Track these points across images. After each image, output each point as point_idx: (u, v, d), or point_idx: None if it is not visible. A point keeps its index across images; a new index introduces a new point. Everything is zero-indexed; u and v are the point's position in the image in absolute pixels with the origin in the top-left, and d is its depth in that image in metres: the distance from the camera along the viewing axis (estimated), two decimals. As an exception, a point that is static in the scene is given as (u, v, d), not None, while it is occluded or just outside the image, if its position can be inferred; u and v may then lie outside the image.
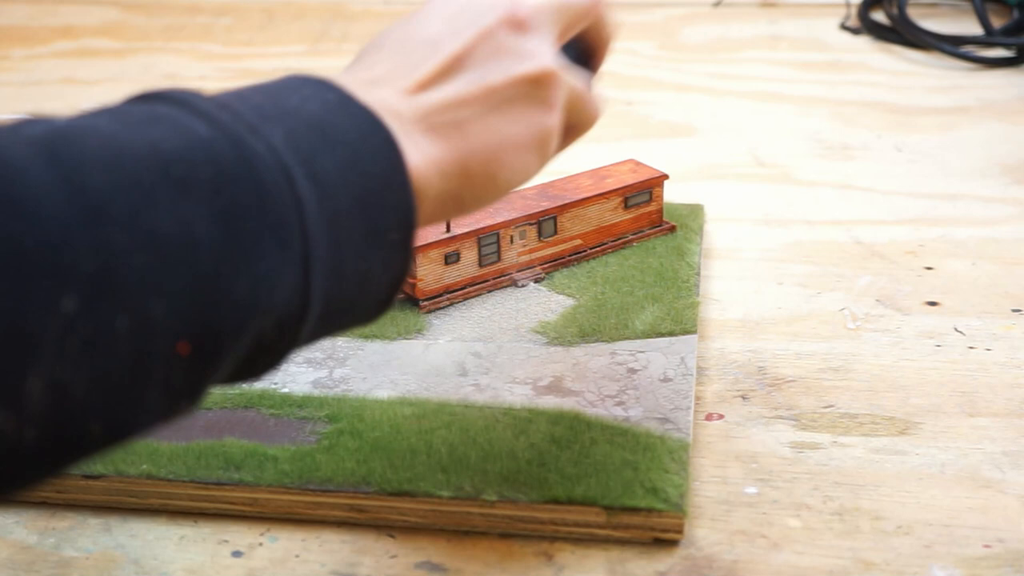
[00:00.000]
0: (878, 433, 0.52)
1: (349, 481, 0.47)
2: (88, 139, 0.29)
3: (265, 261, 0.31)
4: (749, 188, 0.77)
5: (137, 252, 0.28)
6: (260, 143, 0.32)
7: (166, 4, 1.19)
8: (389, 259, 0.36)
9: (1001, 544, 0.45)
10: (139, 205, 0.29)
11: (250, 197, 0.31)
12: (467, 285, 0.60)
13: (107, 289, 0.28)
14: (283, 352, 0.34)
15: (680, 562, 0.45)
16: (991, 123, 0.86)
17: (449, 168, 0.38)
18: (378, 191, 0.35)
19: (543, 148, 0.42)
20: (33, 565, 0.46)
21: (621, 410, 0.51)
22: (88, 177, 0.28)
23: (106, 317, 0.28)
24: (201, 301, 0.30)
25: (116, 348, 0.28)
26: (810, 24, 1.08)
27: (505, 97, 0.40)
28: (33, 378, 0.27)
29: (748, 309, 0.62)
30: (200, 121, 0.32)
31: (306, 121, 0.34)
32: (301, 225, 0.32)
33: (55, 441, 0.28)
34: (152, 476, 0.47)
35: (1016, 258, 0.66)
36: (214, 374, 0.32)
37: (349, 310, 0.36)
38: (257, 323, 0.32)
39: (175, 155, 0.30)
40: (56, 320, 0.27)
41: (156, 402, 0.30)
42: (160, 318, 0.29)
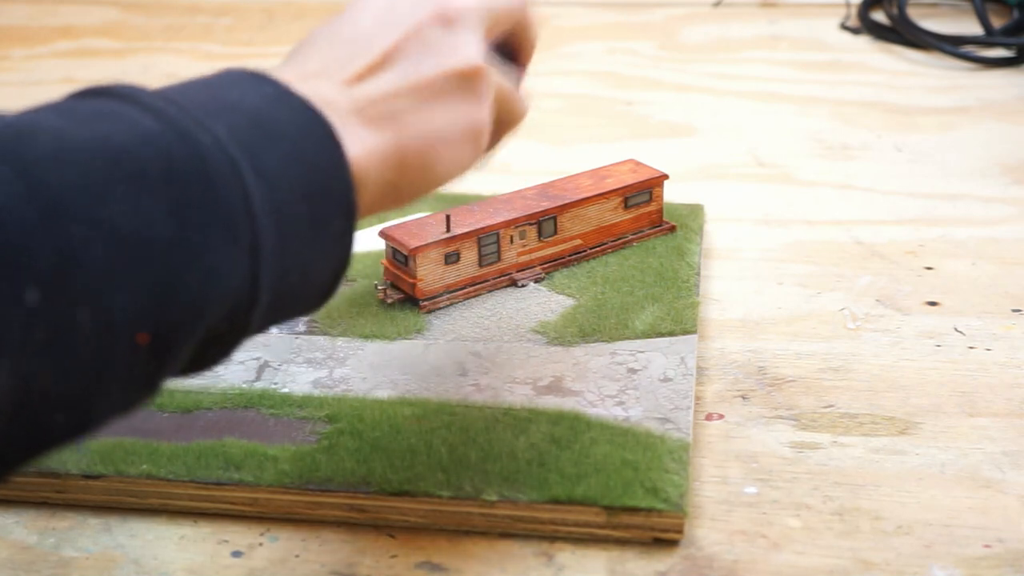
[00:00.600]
0: (878, 433, 0.52)
1: (349, 481, 0.47)
2: (39, 136, 0.30)
3: (215, 252, 0.32)
4: (749, 188, 0.77)
5: (95, 246, 0.29)
6: (206, 136, 0.33)
7: (166, 4, 1.19)
8: (331, 248, 0.37)
9: (1001, 544, 0.45)
10: (94, 200, 0.29)
11: (200, 190, 0.32)
12: (467, 285, 0.60)
13: (68, 282, 0.28)
14: (234, 342, 0.35)
15: (680, 562, 0.45)
16: (991, 123, 0.86)
17: (386, 158, 0.39)
18: (320, 182, 0.36)
19: (475, 140, 0.43)
20: (33, 565, 0.46)
21: (621, 410, 0.51)
22: (43, 173, 0.29)
23: (67, 310, 0.28)
24: (158, 293, 0.31)
25: (78, 340, 0.29)
26: (810, 24, 1.08)
27: (436, 90, 0.41)
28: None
29: (748, 309, 0.62)
30: (147, 115, 0.32)
31: (247, 115, 0.35)
32: (249, 217, 0.33)
33: (21, 432, 0.29)
34: (152, 476, 0.47)
35: (1016, 258, 0.66)
36: (172, 364, 0.32)
37: (294, 299, 0.37)
38: (210, 312, 0.32)
39: (126, 149, 0.31)
40: (19, 314, 0.27)
41: (117, 393, 0.31)
42: (119, 310, 0.30)
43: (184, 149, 0.32)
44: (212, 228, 0.32)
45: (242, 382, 0.53)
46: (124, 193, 0.30)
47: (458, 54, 0.42)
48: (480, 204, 0.62)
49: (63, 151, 0.30)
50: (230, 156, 0.33)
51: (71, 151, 0.30)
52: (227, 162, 0.33)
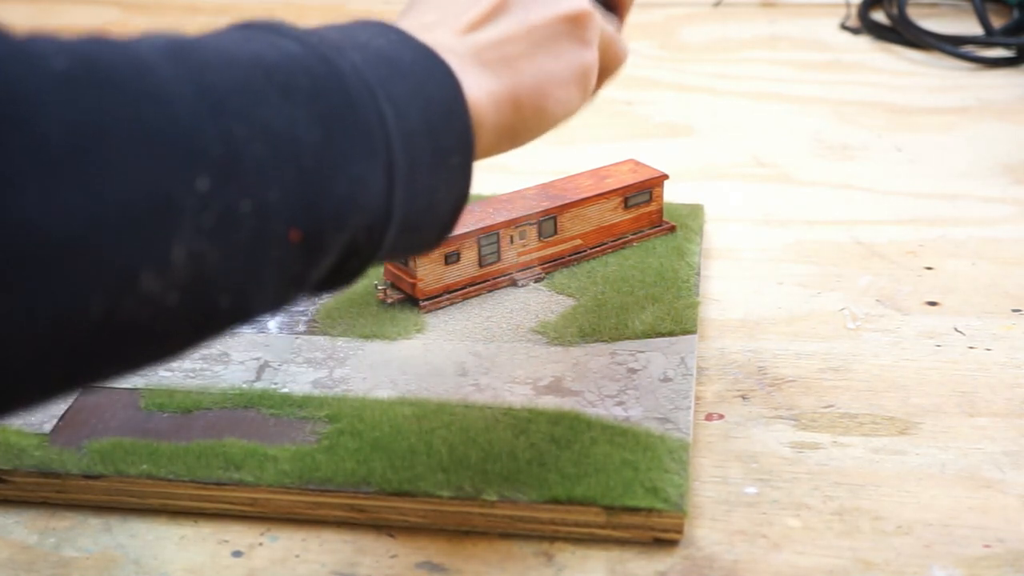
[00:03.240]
0: (878, 433, 0.52)
1: (349, 481, 0.47)
2: (204, 47, 0.33)
3: (358, 164, 0.35)
4: (749, 188, 0.77)
5: (254, 143, 0.32)
6: (345, 63, 0.36)
7: (166, 4, 1.19)
8: (452, 181, 0.40)
9: (1001, 544, 0.45)
10: (253, 103, 0.32)
11: (342, 106, 0.35)
12: (467, 285, 0.60)
13: (232, 173, 0.31)
14: (370, 257, 0.37)
15: (680, 562, 0.45)
16: (991, 123, 0.86)
17: (502, 100, 0.42)
18: (441, 117, 0.38)
19: (584, 83, 0.45)
20: (33, 565, 0.46)
21: (621, 410, 0.51)
22: (209, 76, 0.31)
23: (233, 198, 0.31)
24: (308, 193, 0.33)
25: (241, 227, 0.31)
26: (810, 24, 1.08)
27: (547, 35, 0.44)
28: (176, 246, 0.30)
29: (748, 309, 0.62)
30: (292, 41, 0.35)
31: (376, 53, 0.37)
32: (385, 136, 0.36)
33: (191, 310, 0.31)
34: (152, 476, 0.47)
35: (1016, 258, 0.66)
36: (318, 265, 0.35)
37: (419, 227, 0.39)
38: (353, 220, 0.35)
39: (275, 65, 0.34)
40: (193, 196, 0.30)
41: (272, 284, 0.34)
42: (276, 204, 0.32)
43: (326, 70, 0.35)
44: (354, 141, 0.35)
45: (242, 382, 0.53)
46: (277, 101, 0.33)
47: (567, 0, 0.44)
48: (480, 204, 0.62)
49: (223, 60, 0.32)
50: (366, 81, 0.36)
51: (230, 61, 0.33)
52: (364, 86, 0.35)
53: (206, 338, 0.33)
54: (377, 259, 0.38)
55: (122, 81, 0.29)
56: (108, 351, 0.30)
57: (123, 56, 0.30)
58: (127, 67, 0.30)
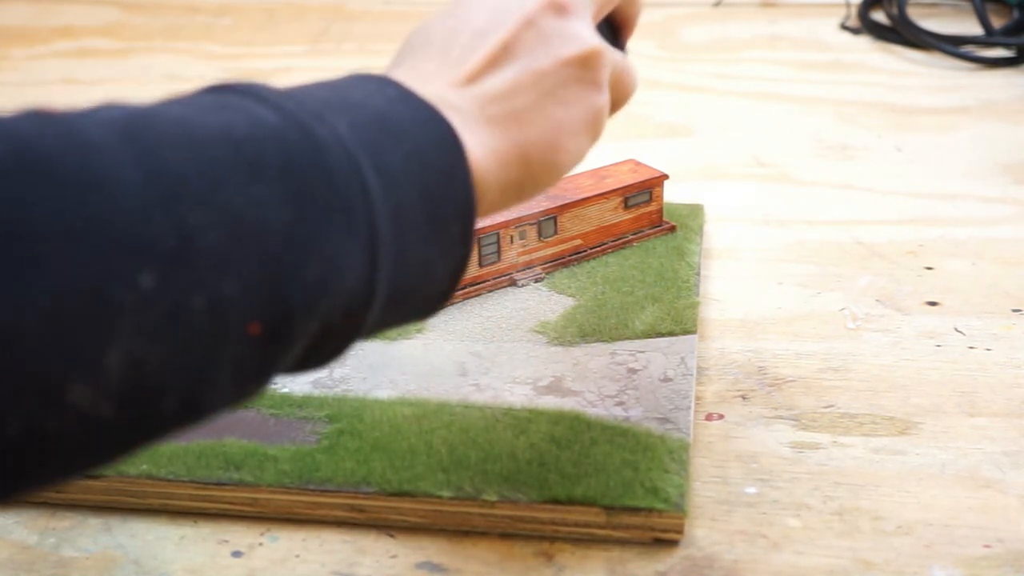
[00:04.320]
0: (878, 433, 0.52)
1: (349, 481, 0.47)
2: (162, 121, 0.30)
3: (333, 244, 0.32)
4: (749, 188, 0.77)
5: (212, 231, 0.29)
6: (326, 131, 0.33)
7: (166, 4, 1.19)
8: (449, 251, 0.37)
9: (1001, 544, 0.45)
10: (213, 185, 0.29)
11: (318, 181, 0.32)
12: (467, 285, 0.60)
13: (183, 266, 0.28)
14: (349, 338, 0.34)
15: (680, 562, 0.45)
16: (991, 123, 0.86)
17: (509, 157, 0.39)
18: (440, 184, 0.36)
19: (595, 127, 0.42)
20: (33, 565, 0.46)
21: (621, 410, 0.51)
22: (164, 157, 0.29)
23: (182, 294, 0.28)
24: (272, 282, 0.30)
25: (191, 326, 0.28)
26: (810, 24, 1.08)
27: (556, 81, 0.40)
28: (112, 352, 0.27)
29: (748, 309, 0.62)
30: (268, 109, 0.32)
31: (369, 114, 0.35)
32: (368, 211, 0.33)
33: (131, 417, 0.28)
34: (152, 476, 0.47)
35: (1016, 258, 0.66)
36: (284, 357, 0.32)
37: (410, 300, 0.37)
38: (325, 306, 0.32)
39: (246, 139, 0.31)
40: (135, 295, 0.27)
41: (227, 382, 0.30)
42: (233, 298, 0.29)
43: (303, 142, 0.32)
44: (330, 220, 0.32)
45: (242, 382, 0.53)
46: (243, 181, 0.30)
47: (575, 40, 0.41)
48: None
49: (184, 137, 0.30)
50: (349, 151, 0.33)
51: (192, 137, 0.30)
52: (346, 157, 0.33)
53: (149, 444, 0.30)
54: (360, 338, 0.35)
55: (61, 166, 0.27)
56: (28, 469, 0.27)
57: (65, 139, 0.28)
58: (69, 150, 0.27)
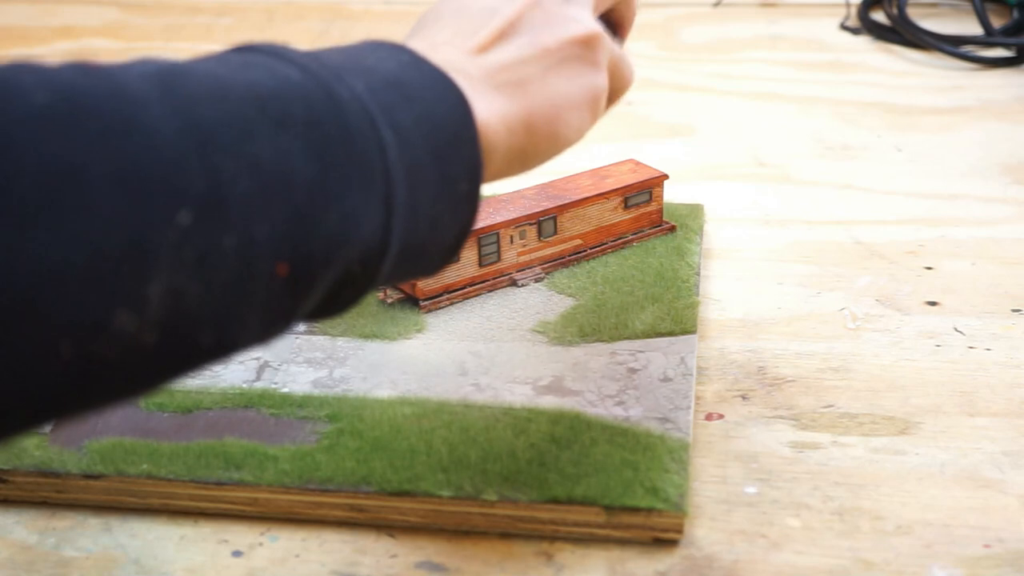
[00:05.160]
0: (878, 433, 0.52)
1: (349, 481, 0.47)
2: (195, 76, 0.32)
3: (352, 197, 0.34)
4: (749, 188, 0.77)
5: (242, 178, 0.31)
6: (346, 89, 0.35)
7: (166, 4, 1.19)
8: (458, 209, 0.39)
9: (1001, 544, 0.45)
10: (242, 136, 0.31)
11: (339, 137, 0.34)
12: (467, 285, 0.60)
13: (216, 208, 0.30)
14: (364, 287, 0.36)
15: (680, 562, 0.45)
16: (991, 123, 0.86)
17: (514, 123, 0.41)
18: (450, 144, 0.37)
19: (595, 105, 0.45)
20: (33, 565, 0.46)
21: (621, 410, 0.51)
22: (197, 109, 0.31)
23: (216, 234, 0.30)
24: (297, 228, 0.32)
25: (224, 264, 0.30)
26: (810, 24, 1.08)
27: (559, 58, 0.43)
28: (154, 284, 0.29)
29: (748, 309, 0.62)
30: (292, 67, 0.34)
31: (383, 77, 0.36)
32: (384, 167, 0.35)
33: (169, 347, 0.30)
34: (152, 476, 0.47)
35: (1016, 258, 0.66)
36: (306, 300, 0.34)
37: (420, 255, 0.39)
38: (345, 255, 0.34)
39: (271, 94, 0.33)
40: (173, 232, 0.29)
41: (256, 320, 0.33)
42: (262, 240, 0.31)
43: (325, 99, 0.34)
44: (349, 174, 0.34)
45: (242, 382, 0.53)
46: (269, 134, 0.32)
47: (577, 22, 0.44)
48: (480, 204, 0.62)
49: (215, 91, 0.32)
50: (367, 109, 0.35)
51: (222, 92, 0.32)
52: (364, 115, 0.35)
53: (185, 374, 0.32)
54: (373, 288, 0.37)
55: (104, 116, 0.29)
56: (79, 391, 0.29)
57: (108, 88, 0.29)
58: (111, 100, 0.29)
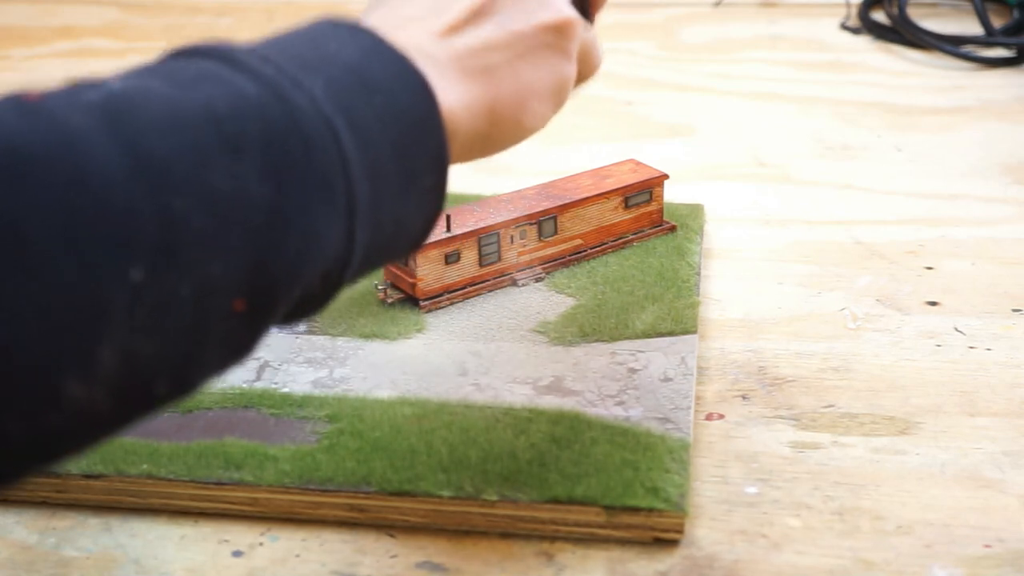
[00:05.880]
0: (878, 433, 0.52)
1: (349, 481, 0.47)
2: (145, 102, 0.30)
3: (314, 215, 0.32)
4: (749, 188, 0.77)
5: (197, 214, 0.29)
6: (303, 97, 0.33)
7: (166, 4, 1.19)
8: (422, 203, 0.37)
9: (1001, 544, 0.45)
10: (198, 168, 0.30)
11: (298, 153, 0.32)
12: (467, 285, 0.60)
13: (171, 256, 0.29)
14: (327, 299, 0.36)
15: (680, 562, 0.45)
16: (991, 123, 0.86)
17: (478, 110, 0.40)
18: (413, 136, 0.36)
19: (561, 95, 0.44)
20: (33, 565, 0.46)
21: (621, 410, 0.51)
22: (149, 143, 0.29)
23: (171, 284, 0.29)
24: (256, 258, 0.31)
25: (180, 313, 0.29)
26: (810, 24, 1.08)
27: (530, 44, 0.42)
28: (105, 347, 0.27)
29: (748, 309, 0.62)
30: (246, 78, 0.32)
31: (343, 68, 0.35)
32: (345, 178, 0.33)
33: (124, 404, 0.29)
34: (152, 476, 0.47)
35: (1016, 258, 0.66)
36: (266, 327, 0.33)
37: (385, 251, 0.38)
38: (307, 274, 0.33)
39: (226, 114, 0.31)
40: (125, 290, 0.28)
41: (215, 358, 0.32)
42: (219, 279, 0.30)
43: (281, 112, 0.32)
44: (309, 191, 0.32)
45: (242, 382, 0.53)
46: (225, 160, 0.30)
47: (551, 8, 0.42)
48: (480, 204, 0.62)
49: (168, 119, 0.30)
50: (326, 116, 0.33)
51: (175, 118, 0.30)
52: (323, 123, 0.33)
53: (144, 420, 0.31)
54: (336, 295, 0.36)
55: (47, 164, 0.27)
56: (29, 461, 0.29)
57: (50, 131, 0.27)
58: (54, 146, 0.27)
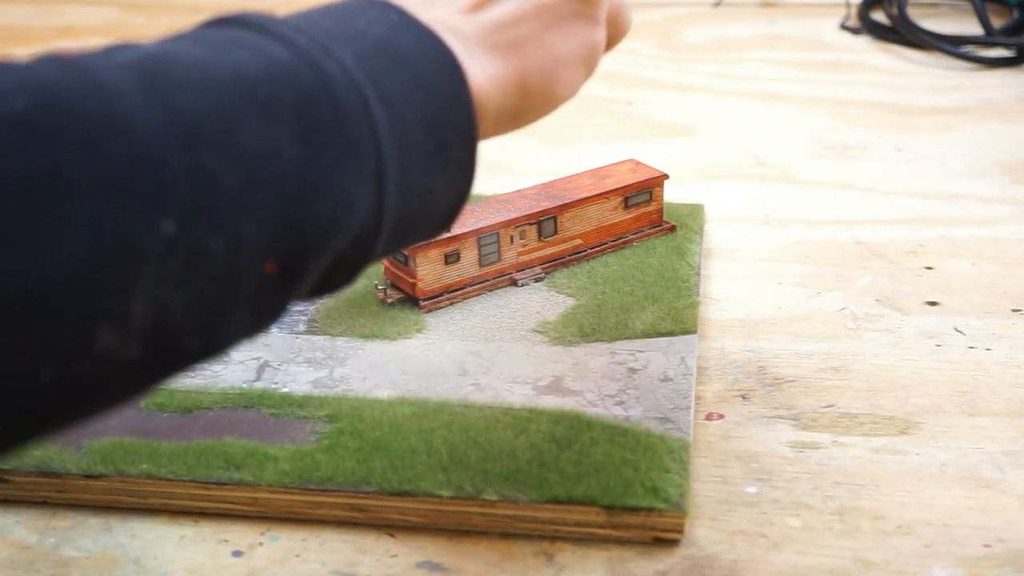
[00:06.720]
0: (878, 433, 0.52)
1: (349, 481, 0.47)
2: (178, 63, 0.30)
3: (345, 180, 0.33)
4: (749, 188, 0.77)
5: (229, 173, 0.29)
6: (335, 65, 0.33)
7: (166, 4, 1.19)
8: (452, 177, 0.37)
9: (1001, 544, 0.45)
10: (229, 127, 0.30)
11: (329, 118, 0.32)
12: (467, 285, 0.60)
13: (203, 211, 0.29)
14: (358, 267, 0.36)
15: (680, 562, 0.45)
16: (991, 123, 0.86)
17: (508, 85, 0.40)
18: (442, 110, 0.36)
19: (591, 61, 0.43)
20: (33, 565, 0.46)
21: (621, 410, 0.51)
22: (181, 100, 0.29)
23: (202, 239, 0.29)
24: (288, 220, 0.31)
25: (211, 269, 0.29)
26: (810, 24, 1.08)
27: (557, 14, 0.42)
28: (137, 297, 0.28)
29: (748, 309, 0.62)
30: (278, 45, 0.33)
31: (372, 43, 0.35)
32: (376, 145, 0.33)
33: (155, 357, 0.29)
34: (152, 476, 0.47)
35: (1016, 258, 0.66)
36: (296, 291, 0.33)
37: (415, 226, 0.38)
38: (337, 240, 0.33)
39: (259, 78, 0.31)
40: (157, 241, 0.28)
41: (244, 319, 0.32)
42: (250, 238, 0.30)
43: (313, 78, 0.32)
44: (340, 156, 0.32)
45: (242, 382, 0.53)
46: (258, 122, 0.31)
47: None
48: (480, 204, 0.62)
49: (200, 79, 0.30)
50: (357, 84, 0.33)
51: (208, 79, 0.30)
52: (354, 90, 0.33)
53: (172, 378, 0.31)
54: (367, 266, 0.36)
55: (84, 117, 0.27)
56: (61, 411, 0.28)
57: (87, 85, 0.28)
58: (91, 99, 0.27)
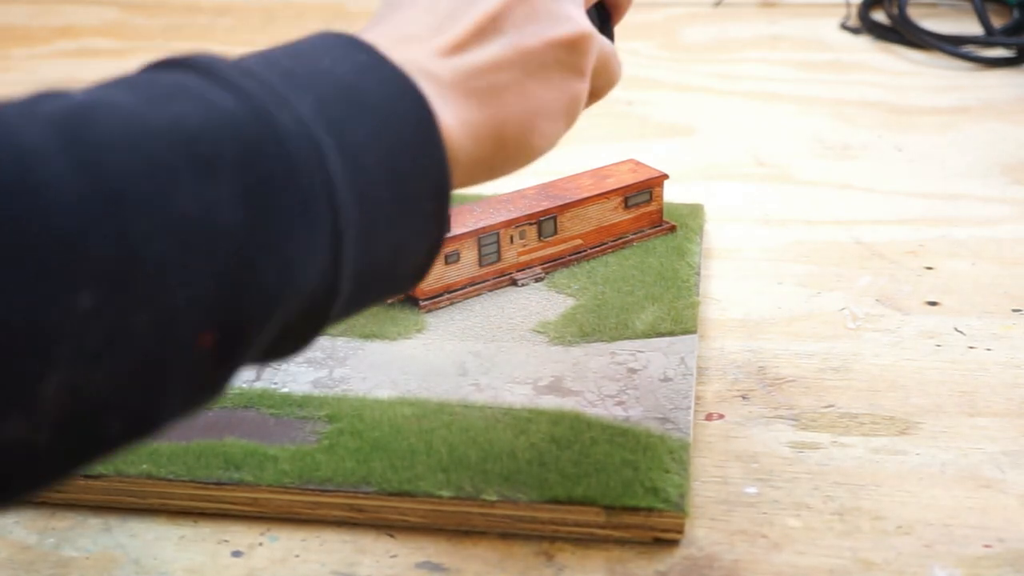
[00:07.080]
0: (878, 433, 0.52)
1: (349, 481, 0.47)
2: (107, 117, 0.28)
3: (294, 242, 0.30)
4: (749, 188, 0.77)
5: (158, 239, 0.27)
6: (287, 115, 0.31)
7: (166, 4, 1.19)
8: (422, 228, 0.35)
9: (1001, 544, 0.45)
10: (161, 188, 0.27)
11: (277, 175, 0.30)
12: (467, 285, 0.60)
13: (126, 282, 0.26)
14: (312, 333, 0.33)
15: (680, 562, 0.45)
16: (991, 123, 0.86)
17: (483, 134, 0.37)
18: (410, 159, 0.34)
19: (572, 114, 0.41)
20: (33, 565, 0.46)
21: (621, 410, 0.51)
22: (106, 161, 0.27)
23: (125, 312, 0.26)
24: (226, 289, 0.28)
25: (135, 345, 0.27)
26: (810, 24, 1.08)
27: (541, 62, 0.39)
28: (47, 382, 0.25)
29: (748, 309, 0.62)
30: (225, 92, 0.30)
31: (336, 85, 0.33)
32: (330, 201, 0.31)
33: (71, 442, 0.27)
34: (152, 476, 0.47)
35: (1016, 258, 0.66)
36: (238, 363, 0.30)
37: (383, 283, 0.35)
38: (285, 307, 0.30)
39: (198, 131, 0.29)
40: (71, 318, 0.25)
41: (177, 397, 0.29)
42: (181, 309, 0.27)
43: (260, 130, 0.30)
44: (289, 215, 0.30)
45: (242, 382, 0.53)
46: (194, 181, 0.28)
47: (566, 22, 0.39)
48: (480, 204, 0.62)
49: (131, 135, 0.27)
50: (311, 136, 0.31)
51: (140, 135, 0.28)
52: (308, 143, 0.31)
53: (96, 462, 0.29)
54: (324, 329, 0.33)
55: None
56: None
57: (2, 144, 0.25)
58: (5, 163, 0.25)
